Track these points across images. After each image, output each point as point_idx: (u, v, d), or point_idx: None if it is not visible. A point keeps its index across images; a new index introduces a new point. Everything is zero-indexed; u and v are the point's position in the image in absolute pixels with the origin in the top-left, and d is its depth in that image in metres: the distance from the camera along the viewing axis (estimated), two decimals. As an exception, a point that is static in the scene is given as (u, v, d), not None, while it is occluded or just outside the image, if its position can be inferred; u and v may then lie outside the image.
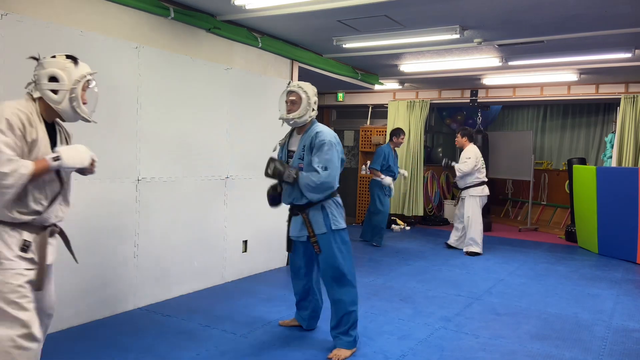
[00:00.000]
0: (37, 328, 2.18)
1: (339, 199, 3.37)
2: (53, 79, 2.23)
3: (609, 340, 3.67)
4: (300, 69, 5.92)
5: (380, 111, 9.59)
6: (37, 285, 2.24)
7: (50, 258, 2.32)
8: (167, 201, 4.23)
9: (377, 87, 8.08)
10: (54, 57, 2.26)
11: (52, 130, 2.32)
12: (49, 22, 3.35)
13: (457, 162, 6.71)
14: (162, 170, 4.21)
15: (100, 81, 3.65)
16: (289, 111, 3.28)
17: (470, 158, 6.50)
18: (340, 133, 10.16)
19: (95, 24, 3.66)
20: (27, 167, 2.11)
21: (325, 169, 3.12)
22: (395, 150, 7.08)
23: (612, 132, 7.98)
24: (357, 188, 9.55)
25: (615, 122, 7.79)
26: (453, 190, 9.94)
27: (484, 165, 6.69)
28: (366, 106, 9.67)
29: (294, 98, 3.27)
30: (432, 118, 9.78)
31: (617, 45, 5.31)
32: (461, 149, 6.76)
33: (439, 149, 10.26)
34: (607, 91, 7.57)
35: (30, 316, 2.17)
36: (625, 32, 4.74)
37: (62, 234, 2.44)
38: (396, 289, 4.89)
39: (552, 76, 7.11)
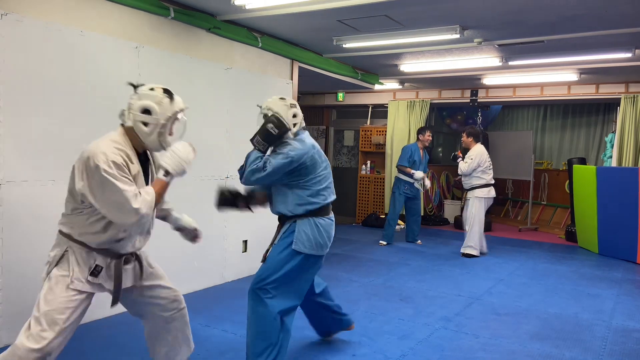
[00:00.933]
0: (39, 345, 2.11)
1: (322, 221, 2.89)
2: (146, 111, 2.22)
3: (609, 340, 3.67)
4: (300, 68, 5.92)
5: (380, 111, 9.59)
6: (113, 303, 2.33)
7: (127, 282, 2.36)
8: (167, 201, 4.22)
9: (377, 87, 8.08)
10: (152, 89, 2.25)
11: (144, 159, 2.37)
12: (49, 22, 3.35)
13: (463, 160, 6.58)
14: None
15: (100, 81, 3.67)
16: None
17: (472, 159, 6.33)
18: (340, 133, 10.16)
19: (95, 24, 3.66)
20: (149, 193, 2.19)
21: (264, 165, 2.78)
22: (424, 150, 7.11)
23: (612, 132, 7.98)
24: (357, 188, 9.55)
25: (616, 122, 7.79)
26: (453, 190, 9.94)
27: (491, 167, 6.48)
28: (366, 106, 9.67)
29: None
30: (432, 118, 9.78)
31: (617, 45, 5.31)
32: (467, 150, 6.55)
33: (439, 149, 10.26)
34: (607, 91, 7.57)
35: (57, 341, 2.14)
36: (625, 32, 4.74)
37: (139, 262, 2.45)
38: (396, 288, 4.89)
39: (552, 76, 7.11)
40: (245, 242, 5.15)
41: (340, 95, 9.47)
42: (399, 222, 8.69)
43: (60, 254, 2.21)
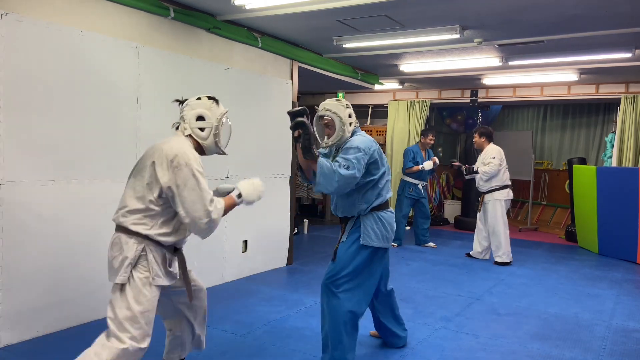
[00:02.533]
0: (146, 343, 2.33)
1: (384, 214, 3.00)
2: (200, 117, 2.49)
3: (609, 340, 3.67)
4: (300, 68, 5.92)
5: (380, 111, 9.59)
6: (189, 297, 2.58)
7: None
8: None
9: (377, 87, 8.08)
10: (199, 98, 2.53)
11: None
12: (49, 22, 3.35)
13: (469, 164, 6.36)
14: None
15: (100, 81, 3.67)
16: (327, 135, 3.06)
17: (495, 158, 5.99)
18: (340, 133, 10.14)
19: (95, 24, 3.66)
20: (220, 202, 2.41)
21: (347, 168, 2.78)
22: (427, 151, 7.05)
23: (612, 132, 7.98)
24: (357, 188, 9.53)
25: (616, 122, 7.79)
26: (453, 190, 9.94)
27: (507, 167, 6.19)
28: (366, 106, 9.67)
29: (326, 122, 3.05)
30: (432, 118, 9.78)
31: (617, 45, 5.31)
32: (479, 150, 6.29)
33: (439, 149, 10.25)
34: (607, 91, 7.57)
35: (146, 332, 2.33)
36: (625, 32, 4.74)
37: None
38: (396, 289, 4.84)
39: (552, 76, 7.11)
40: (245, 242, 5.15)
41: (340, 95, 9.45)
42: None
43: (138, 254, 2.34)
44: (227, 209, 2.47)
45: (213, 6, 4.37)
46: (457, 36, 4.83)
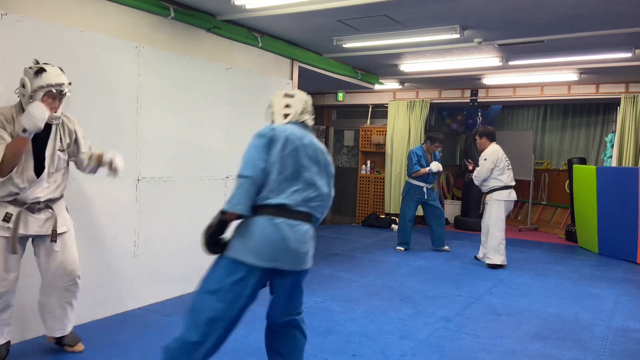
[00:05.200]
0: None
1: (261, 221, 2.43)
2: (22, 85, 2.77)
3: (609, 340, 3.67)
4: (300, 68, 5.91)
5: (380, 111, 9.59)
6: (11, 249, 2.76)
7: (41, 230, 2.86)
8: (167, 201, 4.23)
9: (377, 86, 8.07)
10: (29, 67, 2.78)
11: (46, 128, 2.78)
12: (49, 22, 3.35)
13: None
14: (162, 170, 4.20)
15: (100, 81, 3.67)
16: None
17: (485, 159, 5.84)
18: (340, 133, 10.16)
19: (95, 24, 3.66)
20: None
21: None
22: (433, 154, 6.84)
23: (612, 132, 7.97)
24: (357, 188, 9.55)
25: (616, 122, 7.79)
26: (453, 190, 9.93)
27: (510, 167, 5.90)
28: (366, 106, 9.66)
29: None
30: (432, 118, 9.77)
31: (617, 45, 5.31)
32: (482, 151, 6.05)
33: (440, 149, 10.25)
34: (607, 91, 7.57)
35: None
36: (625, 32, 4.74)
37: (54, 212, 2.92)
38: (396, 289, 4.89)
39: (552, 76, 7.11)
40: (245, 242, 5.14)
41: (340, 95, 9.47)
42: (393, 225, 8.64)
43: None
44: (13, 147, 2.64)
45: (213, 6, 4.37)
46: (457, 36, 4.83)
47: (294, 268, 2.41)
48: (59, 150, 2.91)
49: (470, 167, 6.28)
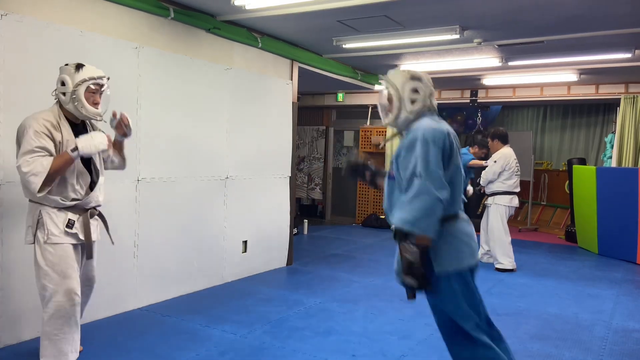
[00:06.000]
0: (79, 290, 2.70)
1: (462, 226, 2.29)
2: (62, 84, 2.67)
3: (609, 340, 3.67)
4: (300, 69, 5.92)
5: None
6: (88, 254, 2.79)
7: (93, 235, 2.81)
8: (167, 201, 4.23)
9: (377, 87, 8.07)
10: (66, 64, 2.71)
11: (83, 130, 2.79)
12: (49, 22, 3.35)
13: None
14: (162, 170, 4.20)
15: (100, 81, 3.66)
16: (387, 113, 2.45)
17: (495, 161, 5.73)
18: (340, 133, 10.16)
19: (95, 24, 3.66)
20: (47, 160, 2.55)
21: (418, 176, 2.11)
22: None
23: (612, 132, 7.98)
24: (357, 189, 9.55)
25: (615, 122, 7.79)
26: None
27: (519, 172, 5.79)
28: (366, 106, 9.66)
29: (385, 97, 2.47)
30: (432, 118, 9.77)
31: (617, 45, 5.31)
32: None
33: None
34: (607, 91, 7.57)
35: (74, 282, 2.66)
36: (625, 32, 4.74)
37: (101, 217, 2.93)
38: (396, 289, 4.88)
39: (552, 76, 7.10)
40: (245, 242, 5.15)
41: (340, 95, 9.46)
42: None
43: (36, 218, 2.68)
44: (58, 165, 2.56)
45: (213, 6, 4.38)
46: (457, 36, 4.83)
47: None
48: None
49: (483, 190, 6.10)
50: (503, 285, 5.13)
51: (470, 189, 6.39)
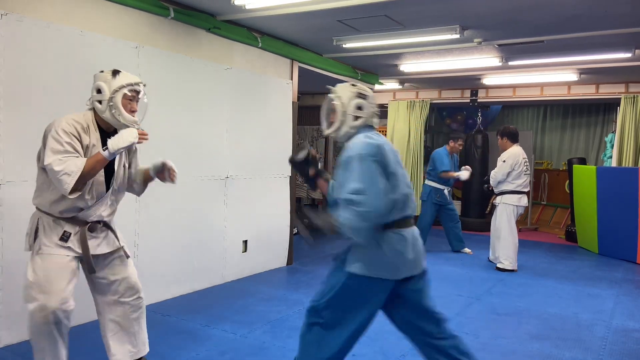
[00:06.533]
0: (67, 304, 2.49)
1: (394, 238, 2.29)
2: (98, 91, 2.52)
3: (609, 340, 3.67)
4: (300, 69, 5.92)
5: (380, 111, 9.58)
6: (89, 269, 2.58)
7: (99, 249, 2.61)
8: (167, 201, 4.23)
9: (377, 87, 8.07)
10: (102, 71, 2.59)
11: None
12: (49, 22, 3.35)
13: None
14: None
15: (100, 81, 3.66)
16: (330, 123, 2.55)
17: (504, 161, 5.65)
18: (340, 133, 10.15)
19: (95, 24, 3.66)
20: (77, 161, 2.40)
21: (356, 192, 2.13)
22: (453, 156, 6.78)
23: (612, 132, 7.98)
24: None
25: (616, 122, 7.79)
26: (453, 190, 9.92)
27: (528, 172, 5.71)
28: (366, 106, 9.66)
29: (329, 106, 2.55)
30: (432, 118, 9.78)
31: (617, 45, 5.31)
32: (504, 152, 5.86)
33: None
34: (607, 91, 7.57)
35: (52, 299, 2.43)
36: (625, 32, 4.74)
37: (110, 228, 2.69)
38: (396, 289, 4.88)
39: (552, 76, 7.11)
40: (245, 242, 5.15)
41: (340, 95, 9.45)
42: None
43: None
44: (91, 165, 2.41)
45: (213, 6, 4.37)
46: (457, 36, 4.83)
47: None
48: (124, 165, 2.69)
49: (491, 188, 6.05)
50: (503, 285, 5.13)
51: (465, 174, 6.56)
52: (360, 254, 2.28)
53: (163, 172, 2.76)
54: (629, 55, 5.50)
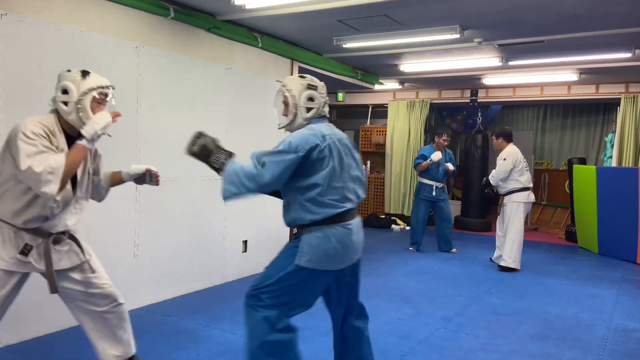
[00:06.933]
0: None
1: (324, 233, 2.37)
2: (64, 91, 2.35)
3: (609, 340, 3.67)
4: (300, 68, 5.92)
5: (380, 111, 9.59)
6: (51, 288, 2.37)
7: (62, 263, 2.42)
8: (167, 201, 4.23)
9: (377, 87, 8.08)
10: (69, 71, 2.40)
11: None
12: (49, 22, 3.35)
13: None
14: (162, 170, 4.17)
15: (100, 81, 3.66)
16: (285, 116, 2.54)
17: (505, 159, 5.70)
18: (340, 133, 10.15)
19: (95, 24, 3.66)
20: (56, 158, 2.22)
21: (263, 165, 2.24)
22: (445, 152, 6.70)
23: (612, 132, 7.98)
24: (357, 188, 9.54)
25: (616, 122, 7.79)
26: (453, 190, 9.93)
27: (528, 168, 5.82)
28: (366, 106, 9.67)
29: (281, 100, 2.55)
30: (432, 118, 9.78)
31: (617, 45, 5.31)
32: (500, 152, 5.90)
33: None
34: (607, 91, 7.57)
35: None
36: (625, 32, 4.74)
37: (74, 239, 2.50)
38: (396, 289, 4.89)
39: (552, 76, 7.11)
40: (245, 242, 5.15)
41: (340, 95, 9.46)
42: (399, 222, 8.71)
43: None
44: (73, 158, 2.28)
45: (213, 6, 4.38)
46: (457, 36, 4.83)
47: None
48: (88, 171, 2.52)
49: (495, 191, 6.07)
50: (503, 285, 5.13)
51: (437, 154, 6.50)
52: (309, 247, 2.36)
53: (143, 178, 2.71)
54: (629, 55, 5.50)
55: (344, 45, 5.48)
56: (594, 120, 9.40)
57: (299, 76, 2.55)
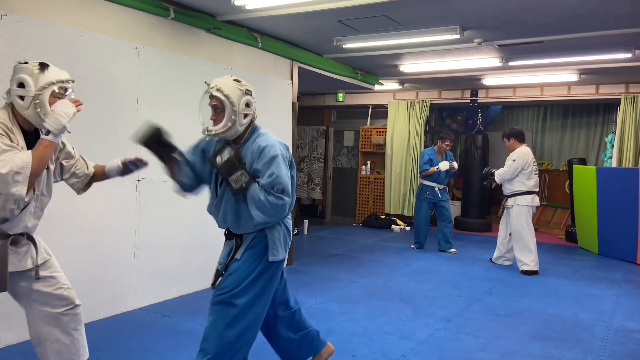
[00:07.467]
0: None
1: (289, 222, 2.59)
2: (20, 85, 2.20)
3: (609, 340, 3.67)
4: (300, 69, 5.92)
5: (380, 111, 9.59)
6: (2, 286, 2.23)
7: (20, 265, 2.31)
8: (167, 201, 4.23)
9: (377, 87, 8.08)
10: (25, 63, 2.24)
11: (36, 140, 2.25)
12: (49, 22, 3.35)
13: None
14: (162, 170, 4.20)
15: (100, 81, 3.67)
16: (213, 121, 2.57)
17: (514, 160, 5.63)
18: (340, 133, 10.16)
19: (95, 24, 3.66)
20: (22, 155, 2.10)
21: (283, 192, 2.35)
22: (446, 154, 6.78)
23: (612, 133, 7.97)
24: (357, 188, 9.55)
25: (616, 122, 7.79)
26: (453, 191, 9.93)
27: (537, 172, 5.73)
28: (366, 106, 9.66)
29: (215, 104, 2.53)
30: (432, 118, 9.78)
31: (617, 45, 5.31)
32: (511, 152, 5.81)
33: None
34: (607, 91, 7.57)
35: None
36: (625, 32, 4.74)
37: (32, 241, 2.39)
38: (396, 289, 4.89)
39: (552, 76, 7.11)
40: (245, 242, 5.14)
41: (340, 95, 9.46)
42: (399, 222, 8.71)
43: None
44: (39, 154, 2.16)
45: (213, 6, 4.38)
46: (457, 36, 4.83)
47: None
48: (47, 166, 2.34)
49: (494, 185, 6.06)
50: (503, 285, 5.13)
51: (444, 164, 6.58)
52: (276, 241, 2.47)
53: (127, 170, 2.74)
54: (629, 55, 5.50)
55: (343, 46, 5.48)
56: (594, 120, 9.40)
57: (234, 80, 2.49)
